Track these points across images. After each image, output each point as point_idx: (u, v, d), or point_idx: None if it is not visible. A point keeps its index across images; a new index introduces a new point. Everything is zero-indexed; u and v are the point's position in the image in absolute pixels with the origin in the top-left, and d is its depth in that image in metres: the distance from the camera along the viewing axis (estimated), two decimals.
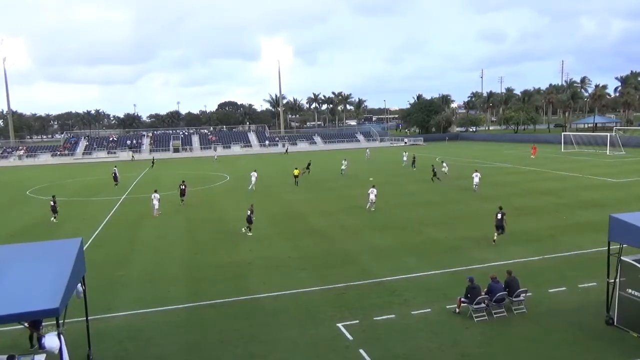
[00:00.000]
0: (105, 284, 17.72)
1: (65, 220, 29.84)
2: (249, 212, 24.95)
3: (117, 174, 47.13)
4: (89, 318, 12.55)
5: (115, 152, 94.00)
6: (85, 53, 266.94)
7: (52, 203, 29.98)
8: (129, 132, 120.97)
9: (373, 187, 30.23)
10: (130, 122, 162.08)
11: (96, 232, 26.44)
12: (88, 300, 12.69)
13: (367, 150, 74.98)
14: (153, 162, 70.93)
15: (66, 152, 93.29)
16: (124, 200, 37.60)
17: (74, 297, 11.09)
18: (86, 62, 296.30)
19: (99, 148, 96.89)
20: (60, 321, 9.68)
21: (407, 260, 19.63)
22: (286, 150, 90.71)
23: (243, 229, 24.92)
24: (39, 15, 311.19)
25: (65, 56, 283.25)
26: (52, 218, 29.55)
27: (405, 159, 56.61)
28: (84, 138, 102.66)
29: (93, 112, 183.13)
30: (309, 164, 51.91)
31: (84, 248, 13.36)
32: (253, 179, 40.94)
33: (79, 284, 11.83)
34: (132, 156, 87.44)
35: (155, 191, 31.27)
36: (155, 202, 30.32)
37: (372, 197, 29.59)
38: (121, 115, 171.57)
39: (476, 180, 35.93)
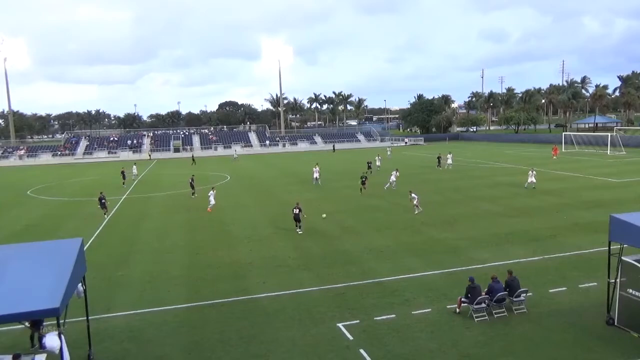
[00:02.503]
0: (106, 284, 17.75)
1: (66, 220, 29.92)
2: (297, 210, 24.76)
3: (126, 173, 48.64)
4: (89, 318, 12.58)
5: (115, 152, 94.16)
6: (85, 53, 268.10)
7: (102, 200, 30.83)
8: (130, 132, 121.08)
9: (410, 192, 29.53)
10: (131, 122, 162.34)
11: (97, 232, 26.45)
12: (88, 300, 12.72)
13: (388, 149, 77.67)
14: (193, 159, 72.44)
15: (67, 152, 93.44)
16: (124, 200, 37.63)
17: (74, 297, 11.11)
18: (86, 62, 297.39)
19: (99, 148, 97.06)
20: (61, 321, 9.69)
21: (407, 260, 19.62)
22: (333, 149, 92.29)
23: (297, 230, 24.80)
24: (39, 15, 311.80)
25: (65, 56, 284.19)
26: (105, 214, 30.55)
27: (450, 161, 53.17)
28: (85, 138, 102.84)
29: (93, 112, 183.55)
30: (370, 164, 50.51)
31: (85, 248, 13.36)
32: (316, 174, 42.72)
33: (80, 284, 11.85)
34: (149, 154, 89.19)
35: (213, 188, 33.21)
36: (212, 199, 31.54)
37: (414, 201, 28.70)
38: (121, 115, 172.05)
39: (532, 178, 35.96)
